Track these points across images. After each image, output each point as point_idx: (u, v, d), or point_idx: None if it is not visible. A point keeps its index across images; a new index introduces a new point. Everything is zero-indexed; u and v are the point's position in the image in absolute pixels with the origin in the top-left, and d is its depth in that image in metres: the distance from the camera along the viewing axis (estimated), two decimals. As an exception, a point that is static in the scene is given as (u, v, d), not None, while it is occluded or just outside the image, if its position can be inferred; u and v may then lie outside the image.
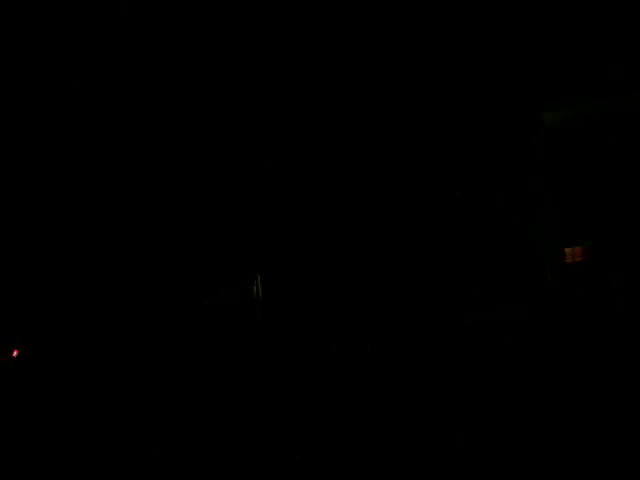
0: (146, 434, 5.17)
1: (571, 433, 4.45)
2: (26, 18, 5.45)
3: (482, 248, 5.55)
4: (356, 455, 4.59)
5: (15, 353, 5.78)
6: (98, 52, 5.65)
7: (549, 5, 5.33)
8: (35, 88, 5.75)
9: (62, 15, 5.45)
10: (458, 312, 5.47)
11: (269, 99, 5.90)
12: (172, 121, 5.95)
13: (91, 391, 5.58)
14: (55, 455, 5.03)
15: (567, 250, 5.47)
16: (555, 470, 4.19)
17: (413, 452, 4.55)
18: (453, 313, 5.48)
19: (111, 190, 6.02)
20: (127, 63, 5.75)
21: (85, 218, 6.03)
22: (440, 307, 5.52)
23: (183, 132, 5.99)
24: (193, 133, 6.00)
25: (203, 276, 6.14)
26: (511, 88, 5.56)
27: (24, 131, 5.90)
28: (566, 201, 5.51)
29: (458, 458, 4.42)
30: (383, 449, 4.62)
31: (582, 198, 5.50)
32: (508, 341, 5.26)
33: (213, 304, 6.11)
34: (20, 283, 5.93)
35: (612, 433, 4.37)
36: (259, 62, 5.78)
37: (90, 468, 4.88)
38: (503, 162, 5.58)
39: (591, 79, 5.40)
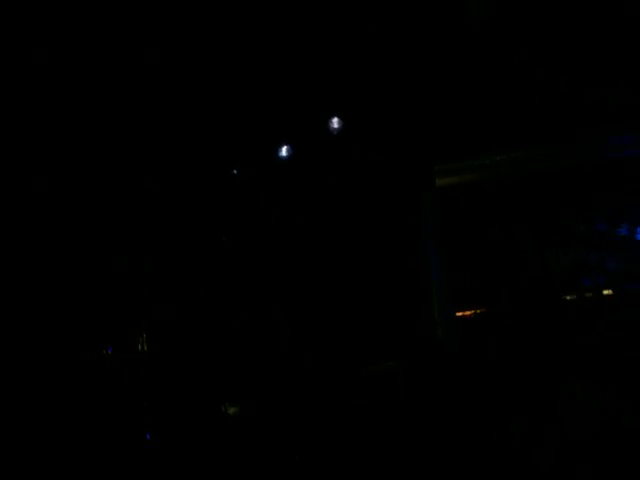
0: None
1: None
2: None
3: (378, 308, 5.72)
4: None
5: None
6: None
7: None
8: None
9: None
10: (356, 365, 5.66)
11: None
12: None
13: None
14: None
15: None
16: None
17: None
18: (352, 366, 5.67)
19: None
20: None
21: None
22: (340, 361, 5.69)
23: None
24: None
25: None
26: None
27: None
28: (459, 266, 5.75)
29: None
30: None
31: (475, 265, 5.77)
32: (400, 389, 5.53)
33: None
34: None
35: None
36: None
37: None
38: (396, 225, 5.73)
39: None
